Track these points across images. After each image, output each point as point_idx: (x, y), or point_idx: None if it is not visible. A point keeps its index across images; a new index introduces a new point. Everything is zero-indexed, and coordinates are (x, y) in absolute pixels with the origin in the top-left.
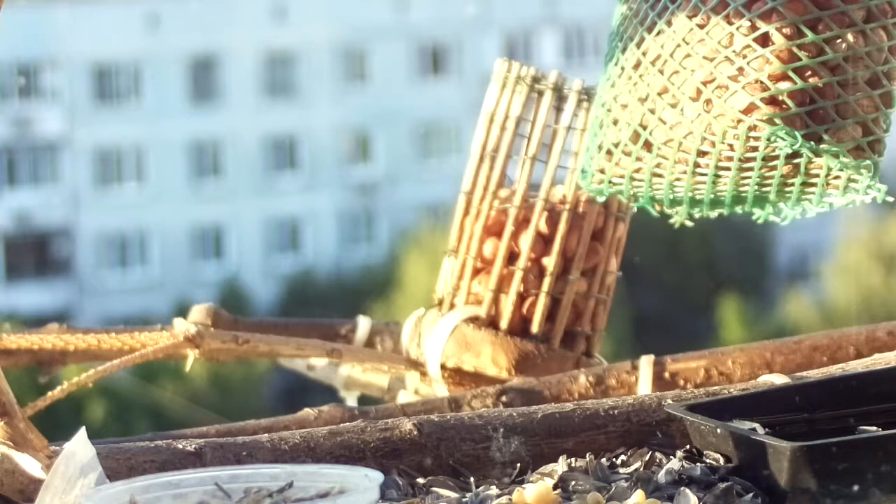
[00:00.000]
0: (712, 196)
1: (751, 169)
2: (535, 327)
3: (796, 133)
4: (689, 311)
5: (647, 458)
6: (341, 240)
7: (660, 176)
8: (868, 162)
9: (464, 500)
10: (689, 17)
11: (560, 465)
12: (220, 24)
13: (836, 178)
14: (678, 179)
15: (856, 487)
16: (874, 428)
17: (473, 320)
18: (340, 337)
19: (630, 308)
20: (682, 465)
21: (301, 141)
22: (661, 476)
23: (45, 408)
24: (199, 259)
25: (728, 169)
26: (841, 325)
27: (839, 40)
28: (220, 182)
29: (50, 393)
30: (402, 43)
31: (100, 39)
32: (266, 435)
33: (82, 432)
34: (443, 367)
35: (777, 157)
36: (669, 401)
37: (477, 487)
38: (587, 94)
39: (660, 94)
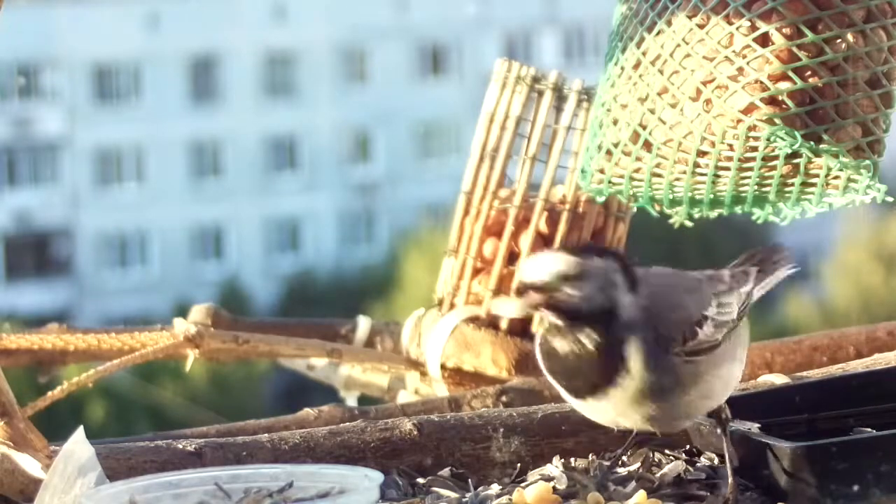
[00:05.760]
0: (712, 196)
1: (750, 169)
2: (534, 327)
3: (796, 133)
4: None
5: (648, 458)
6: (341, 240)
7: (659, 176)
8: (868, 162)
9: (464, 500)
10: (689, 17)
11: (559, 465)
12: (220, 24)
13: (836, 178)
14: (678, 179)
15: (856, 487)
16: (874, 428)
17: (473, 320)
18: (340, 337)
19: None
20: (683, 465)
21: (301, 141)
22: (661, 476)
23: (45, 408)
24: (199, 259)
25: (728, 169)
26: (841, 325)
27: (839, 40)
28: (220, 182)
29: (50, 393)
30: (402, 43)
31: (100, 39)
32: (266, 435)
33: (80, 432)
34: (443, 367)
35: (777, 157)
36: None
37: (477, 487)
38: (587, 94)
39: (660, 94)
